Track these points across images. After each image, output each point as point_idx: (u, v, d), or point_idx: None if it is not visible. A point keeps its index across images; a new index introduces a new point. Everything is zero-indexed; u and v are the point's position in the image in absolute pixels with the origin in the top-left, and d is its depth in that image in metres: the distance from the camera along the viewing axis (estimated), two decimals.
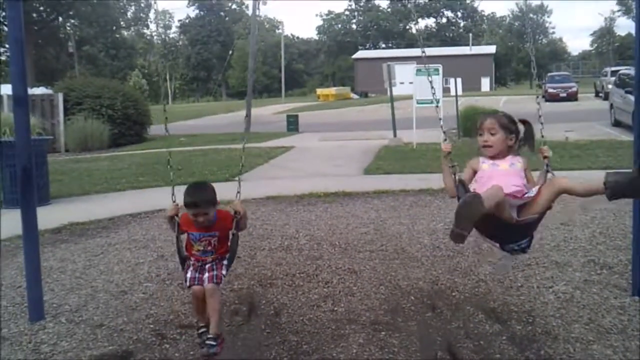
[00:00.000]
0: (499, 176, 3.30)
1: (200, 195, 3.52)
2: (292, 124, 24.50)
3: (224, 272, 3.61)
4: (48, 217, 7.66)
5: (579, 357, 3.63)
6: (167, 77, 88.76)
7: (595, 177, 3.16)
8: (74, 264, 6.02)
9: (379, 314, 4.47)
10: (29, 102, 4.85)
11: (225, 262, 3.65)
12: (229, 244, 3.65)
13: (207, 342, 3.51)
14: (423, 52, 4.07)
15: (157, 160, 14.86)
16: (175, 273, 5.58)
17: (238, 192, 3.79)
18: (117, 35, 77.34)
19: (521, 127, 3.55)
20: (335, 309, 4.59)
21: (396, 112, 18.07)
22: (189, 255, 3.64)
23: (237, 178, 3.92)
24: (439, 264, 5.61)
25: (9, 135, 14.55)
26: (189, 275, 3.57)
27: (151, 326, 4.36)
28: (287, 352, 3.87)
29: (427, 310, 4.52)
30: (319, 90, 60.70)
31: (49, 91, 22.92)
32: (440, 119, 3.73)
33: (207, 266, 3.58)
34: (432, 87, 3.90)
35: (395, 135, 17.23)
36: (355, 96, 58.77)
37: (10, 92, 5.73)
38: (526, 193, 3.28)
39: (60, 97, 20.04)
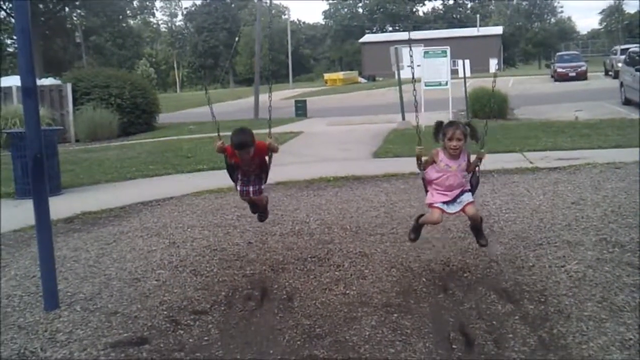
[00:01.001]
0: (450, 177, 4.56)
1: (244, 138, 4.69)
2: (301, 109, 24.45)
3: (262, 186, 5.08)
4: (60, 206, 7.73)
5: (592, 335, 3.62)
6: (175, 66, 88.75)
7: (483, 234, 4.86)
8: (87, 253, 6.07)
9: (390, 296, 4.48)
10: (38, 92, 4.85)
11: (263, 175, 5.06)
12: (266, 161, 5.02)
13: (260, 213, 5.43)
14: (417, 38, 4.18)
15: (167, 148, 14.91)
16: (187, 260, 5.63)
17: (269, 133, 5.02)
18: (124, 25, 77.21)
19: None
20: (347, 292, 4.60)
21: (404, 95, 17.97)
22: (237, 171, 5.02)
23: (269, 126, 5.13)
24: (450, 246, 5.61)
25: (19, 127, 14.66)
26: (238, 188, 5.05)
27: (165, 313, 4.39)
28: (300, 336, 3.89)
29: (439, 291, 4.53)
30: (327, 75, 60.43)
31: (58, 82, 22.96)
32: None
33: (250, 179, 5.01)
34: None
35: (403, 118, 17.17)
36: (363, 80, 58.49)
37: (19, 84, 5.75)
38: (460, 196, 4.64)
39: (68, 87, 20.09)
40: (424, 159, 4.67)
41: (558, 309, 4.05)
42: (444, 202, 4.59)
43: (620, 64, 21.47)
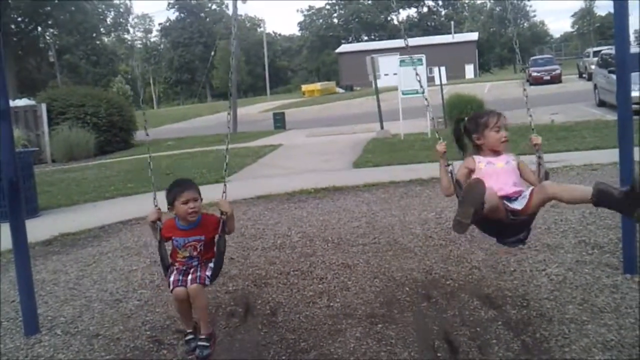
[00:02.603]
0: (500, 175, 3.35)
1: (188, 181, 3.54)
2: (279, 122, 24.49)
3: (208, 273, 3.46)
4: (38, 229, 7.63)
5: (574, 338, 3.66)
6: (151, 82, 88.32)
7: (583, 188, 3.16)
8: (67, 275, 5.99)
9: (374, 306, 4.48)
10: (12, 115, 4.80)
11: (211, 264, 3.50)
12: (215, 248, 3.50)
13: (200, 343, 3.45)
14: (406, 43, 4.18)
15: (145, 165, 14.79)
16: None
17: (224, 191, 3.60)
18: (98, 42, 76.72)
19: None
20: (331, 304, 4.60)
21: (382, 104, 18.08)
22: (173, 261, 3.52)
23: (224, 178, 3.86)
24: (432, 254, 5.63)
25: None
26: (172, 278, 3.44)
27: (148, 333, 4.35)
28: (285, 351, 3.88)
29: (422, 300, 4.54)
30: (304, 87, 60.61)
31: (32, 102, 22.71)
32: (432, 119, 3.84)
33: (191, 269, 3.46)
34: (417, 75, 3.95)
35: (382, 127, 17.26)
36: (341, 90, 58.71)
37: None
38: (521, 193, 3.31)
39: (43, 107, 19.90)
40: (443, 154, 3.50)
41: (540, 312, 4.09)
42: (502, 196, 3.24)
43: (593, 66, 21.82)
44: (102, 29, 78.97)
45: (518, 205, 3.23)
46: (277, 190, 9.35)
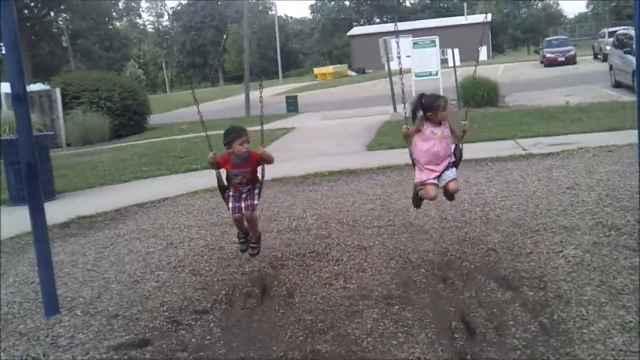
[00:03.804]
0: (436, 143, 4.73)
1: (237, 128, 4.71)
2: (292, 105, 24.42)
3: (256, 201, 4.70)
4: (55, 212, 7.69)
5: (592, 319, 3.65)
6: (163, 65, 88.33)
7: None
8: (85, 257, 6.05)
9: (391, 288, 4.49)
10: (29, 99, 4.84)
11: (256, 191, 4.73)
12: (258, 176, 4.77)
13: (252, 245, 4.93)
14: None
15: (160, 149, 14.87)
16: (185, 260, 5.62)
17: (262, 138, 5.02)
18: (110, 27, 76.81)
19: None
20: (347, 285, 4.61)
21: (395, 86, 17.96)
22: (229, 184, 4.71)
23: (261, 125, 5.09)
24: (447, 235, 5.63)
25: (10, 134, 14.56)
26: (230, 205, 4.68)
27: (166, 314, 4.39)
28: (302, 331, 3.90)
29: (438, 282, 4.55)
30: (316, 70, 60.34)
31: (47, 87, 22.84)
32: (404, 107, 5.11)
33: (243, 195, 4.68)
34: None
35: (395, 110, 17.17)
36: (353, 73, 58.40)
37: (8, 90, 5.71)
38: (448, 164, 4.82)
39: (58, 92, 19.97)
40: (409, 129, 4.87)
41: (557, 294, 4.08)
42: (435, 178, 4.79)
43: (608, 47, 21.53)
44: (114, 14, 79.03)
45: (441, 182, 4.80)
46: (291, 173, 9.36)
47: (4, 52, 4.47)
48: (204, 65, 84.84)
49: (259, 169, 4.80)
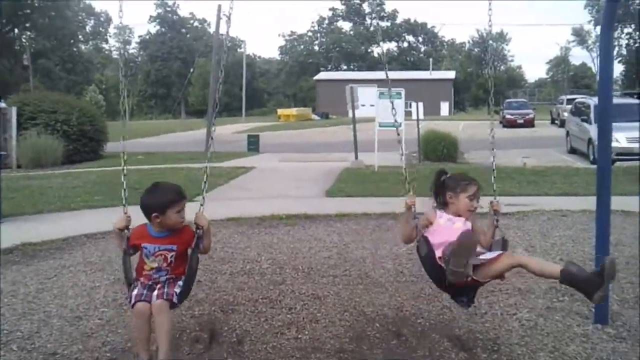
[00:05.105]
0: (457, 234, 3.40)
1: (179, 188, 3.39)
2: (253, 144, 24.38)
3: (177, 290, 3.26)
4: None
5: None
6: (125, 93, 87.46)
7: (553, 265, 3.43)
8: (27, 288, 5.75)
9: (344, 341, 4.38)
10: None
11: (180, 282, 3.29)
12: (187, 264, 3.32)
13: None
14: (387, 75, 4.30)
15: (114, 178, 14.52)
16: None
17: (201, 205, 3.52)
18: (75, 49, 75.99)
19: None
20: (300, 336, 4.49)
21: (357, 134, 18.15)
22: (138, 276, 3.28)
23: (196, 199, 3.75)
24: (403, 290, 5.57)
25: None
26: (134, 292, 3.20)
27: (108, 355, 4.17)
28: None
29: (392, 337, 4.46)
30: (280, 111, 60.82)
31: (2, 104, 22.25)
32: (402, 155, 4.31)
33: (158, 285, 3.27)
34: (394, 109, 4.18)
35: (356, 157, 17.29)
36: (316, 117, 59.01)
37: None
38: (482, 254, 3.48)
39: (13, 111, 19.45)
40: (411, 206, 3.72)
41: (511, 358, 4.04)
42: None
43: (566, 113, 22.38)
44: (80, 36, 78.40)
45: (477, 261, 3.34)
46: (248, 214, 9.22)
47: None
48: (167, 97, 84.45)
49: (189, 250, 3.37)
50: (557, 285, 5.49)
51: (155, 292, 3.20)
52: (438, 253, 3.51)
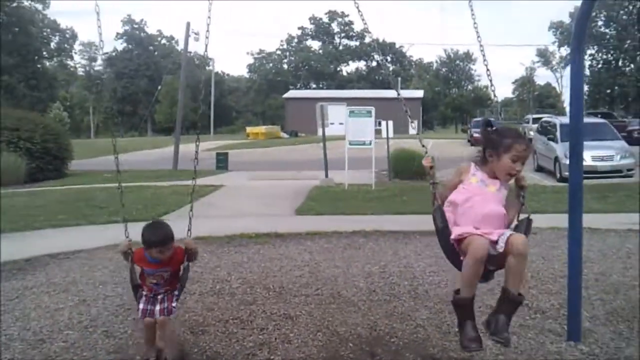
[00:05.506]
0: (488, 200, 3.22)
1: (164, 234, 3.80)
2: (222, 162, 24.20)
3: (174, 304, 3.93)
4: None
5: None
6: (90, 110, 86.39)
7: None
8: None
9: None
10: None
11: (175, 292, 3.96)
12: (180, 276, 3.98)
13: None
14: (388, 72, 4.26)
15: (79, 197, 14.23)
16: (98, 319, 5.23)
17: (189, 230, 4.11)
18: (39, 66, 74.77)
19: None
20: (272, 357, 4.39)
21: (327, 152, 18.15)
22: (142, 285, 3.91)
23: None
24: (375, 309, 5.51)
25: None
26: (141, 306, 3.88)
27: None
28: None
29: (366, 357, 4.40)
30: (249, 128, 60.61)
31: None
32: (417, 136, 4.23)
33: (159, 297, 3.89)
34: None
35: (327, 175, 17.27)
36: (285, 135, 58.99)
37: None
38: (501, 235, 3.18)
39: None
40: (432, 166, 3.44)
41: None
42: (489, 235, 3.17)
43: (532, 132, 22.72)
44: (44, 53, 77.25)
45: (494, 251, 3.15)
46: (217, 232, 9.08)
47: None
48: (134, 114, 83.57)
49: (181, 266, 3.99)
50: (529, 302, 5.53)
51: (158, 308, 3.86)
52: (457, 231, 3.22)
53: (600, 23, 56.85)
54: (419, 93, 73.31)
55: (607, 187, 13.68)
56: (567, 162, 4.91)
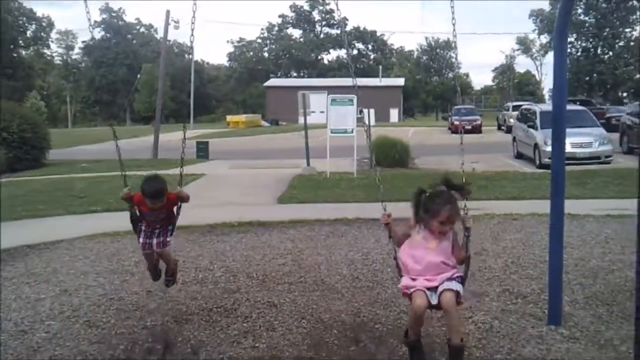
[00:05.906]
0: (429, 254, 3.74)
1: (158, 186, 4.47)
2: (202, 151, 23.99)
3: (169, 238, 4.69)
4: None
5: None
6: (67, 100, 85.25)
7: (459, 331, 3.75)
8: None
9: (302, 349, 4.32)
10: None
11: (170, 227, 4.71)
12: (173, 217, 4.75)
13: (167, 278, 4.95)
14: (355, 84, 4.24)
15: (58, 186, 14.07)
16: (80, 309, 5.20)
17: (179, 185, 4.83)
18: (15, 54, 73.46)
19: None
20: (257, 345, 4.40)
21: (308, 141, 18.10)
22: (142, 218, 4.64)
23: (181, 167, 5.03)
24: (359, 295, 5.54)
25: None
26: (141, 240, 4.65)
27: None
28: None
29: (350, 344, 4.42)
30: (229, 117, 60.19)
31: None
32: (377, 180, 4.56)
33: (156, 231, 4.65)
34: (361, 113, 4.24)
35: (308, 164, 17.24)
36: (266, 124, 58.71)
37: None
38: (441, 283, 3.67)
39: None
40: (389, 221, 4.02)
41: None
42: (428, 288, 3.65)
43: (512, 120, 22.87)
44: (21, 42, 75.94)
45: (435, 299, 3.65)
46: (199, 222, 9.01)
47: None
48: (112, 103, 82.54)
49: (175, 207, 4.74)
50: (510, 288, 5.62)
51: (155, 241, 4.63)
52: (403, 282, 3.77)
53: (579, 11, 57.16)
54: (400, 81, 73.31)
55: (586, 174, 13.82)
56: (547, 149, 4.98)
